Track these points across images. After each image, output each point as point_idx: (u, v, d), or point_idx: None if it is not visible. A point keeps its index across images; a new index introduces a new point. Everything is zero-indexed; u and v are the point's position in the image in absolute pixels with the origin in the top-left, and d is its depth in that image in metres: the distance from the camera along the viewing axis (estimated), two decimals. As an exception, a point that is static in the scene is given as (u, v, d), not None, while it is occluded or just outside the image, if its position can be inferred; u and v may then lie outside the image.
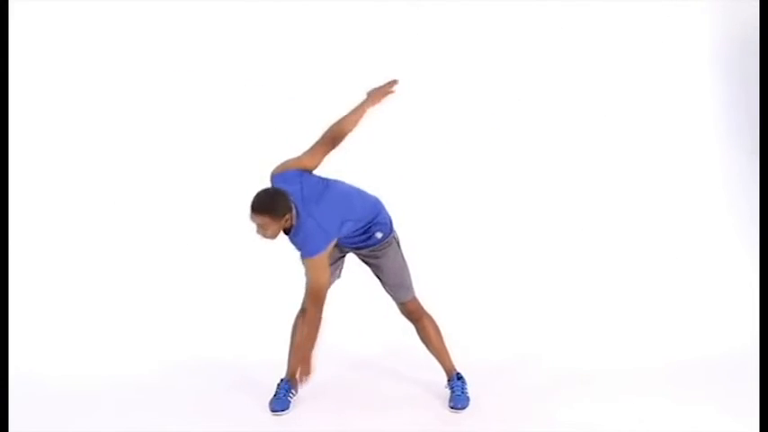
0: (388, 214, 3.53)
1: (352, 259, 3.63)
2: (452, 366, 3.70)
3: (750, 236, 4.66)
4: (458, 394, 3.64)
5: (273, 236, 3.27)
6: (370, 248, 3.50)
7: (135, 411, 3.63)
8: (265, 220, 3.21)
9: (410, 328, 3.71)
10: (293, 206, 3.25)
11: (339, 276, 3.63)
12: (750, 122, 4.84)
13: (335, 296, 3.53)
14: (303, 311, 3.56)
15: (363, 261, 3.58)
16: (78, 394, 3.78)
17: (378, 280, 3.59)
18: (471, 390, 3.67)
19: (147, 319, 4.42)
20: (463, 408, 3.61)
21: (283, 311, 3.75)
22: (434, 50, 4.91)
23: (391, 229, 3.52)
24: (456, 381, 3.67)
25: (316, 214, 3.27)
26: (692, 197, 4.95)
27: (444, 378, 3.71)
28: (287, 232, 3.31)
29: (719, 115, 5.03)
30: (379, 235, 3.47)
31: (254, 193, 3.24)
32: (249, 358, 4.07)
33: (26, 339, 4.14)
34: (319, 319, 3.36)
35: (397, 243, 3.55)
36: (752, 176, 4.76)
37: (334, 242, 3.34)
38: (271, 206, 3.21)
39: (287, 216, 3.23)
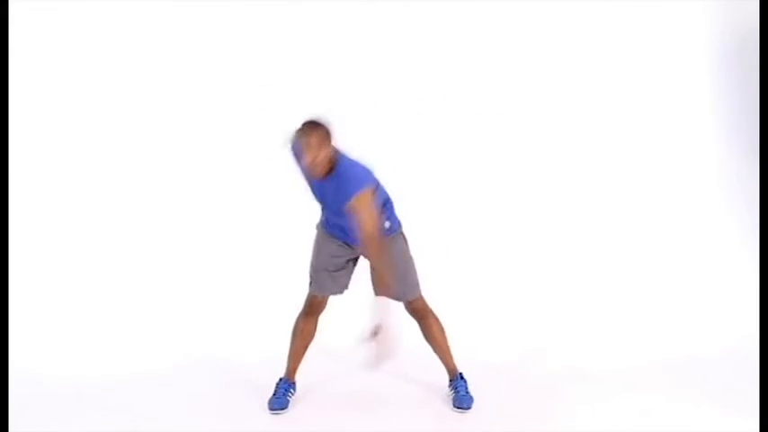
0: (396, 215, 3.52)
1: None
2: (455, 366, 3.69)
3: (750, 235, 4.64)
4: (462, 394, 3.62)
5: (324, 160, 3.18)
6: None
7: (134, 411, 3.63)
8: (321, 134, 3.14)
9: (412, 328, 3.69)
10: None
11: (347, 287, 3.60)
12: (750, 121, 4.81)
13: (337, 296, 3.57)
14: (305, 313, 3.58)
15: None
16: (78, 394, 3.78)
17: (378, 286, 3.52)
18: (473, 389, 3.65)
19: (146, 319, 4.42)
20: (468, 407, 3.59)
21: (283, 311, 3.73)
22: (430, 51, 4.89)
23: (399, 226, 3.52)
24: (459, 380, 3.66)
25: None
26: (692, 196, 4.92)
27: (446, 378, 3.70)
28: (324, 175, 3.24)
29: (719, 113, 5.00)
30: (387, 224, 3.44)
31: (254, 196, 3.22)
32: (248, 358, 4.07)
33: (26, 339, 4.15)
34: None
35: (405, 240, 3.54)
36: (752, 175, 4.73)
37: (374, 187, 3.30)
38: (321, 123, 3.18)
39: (333, 144, 3.18)
